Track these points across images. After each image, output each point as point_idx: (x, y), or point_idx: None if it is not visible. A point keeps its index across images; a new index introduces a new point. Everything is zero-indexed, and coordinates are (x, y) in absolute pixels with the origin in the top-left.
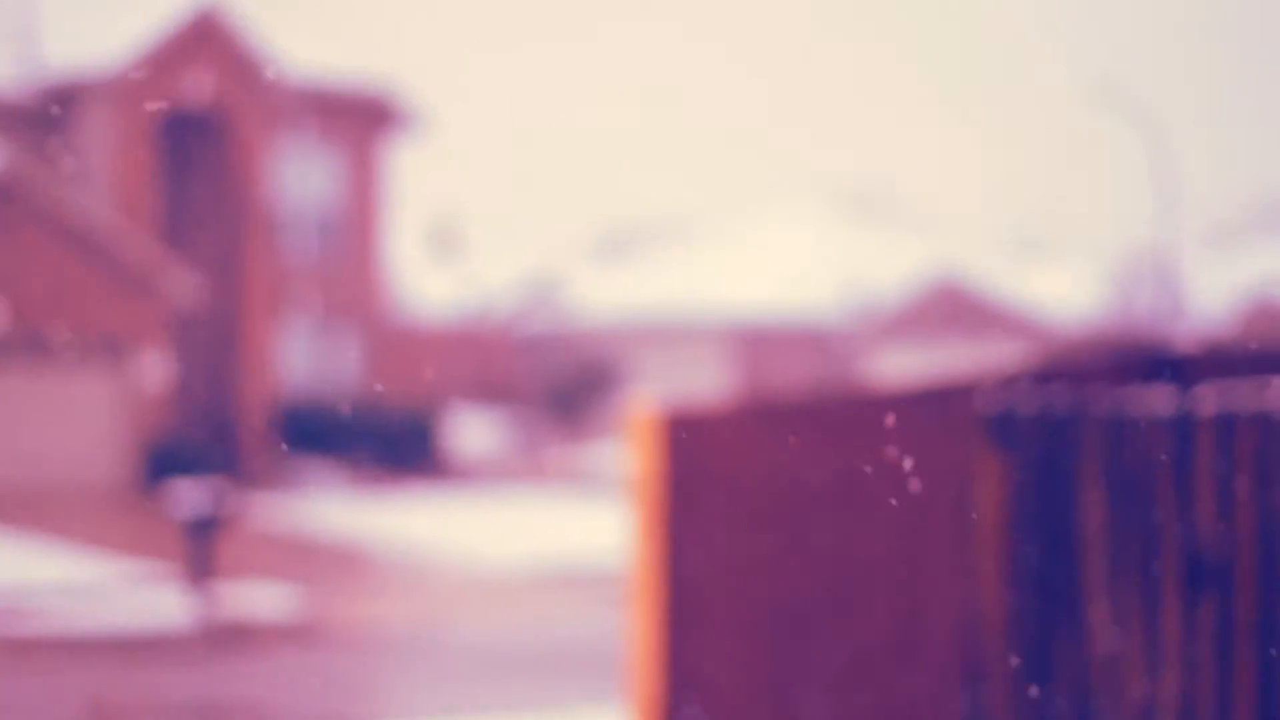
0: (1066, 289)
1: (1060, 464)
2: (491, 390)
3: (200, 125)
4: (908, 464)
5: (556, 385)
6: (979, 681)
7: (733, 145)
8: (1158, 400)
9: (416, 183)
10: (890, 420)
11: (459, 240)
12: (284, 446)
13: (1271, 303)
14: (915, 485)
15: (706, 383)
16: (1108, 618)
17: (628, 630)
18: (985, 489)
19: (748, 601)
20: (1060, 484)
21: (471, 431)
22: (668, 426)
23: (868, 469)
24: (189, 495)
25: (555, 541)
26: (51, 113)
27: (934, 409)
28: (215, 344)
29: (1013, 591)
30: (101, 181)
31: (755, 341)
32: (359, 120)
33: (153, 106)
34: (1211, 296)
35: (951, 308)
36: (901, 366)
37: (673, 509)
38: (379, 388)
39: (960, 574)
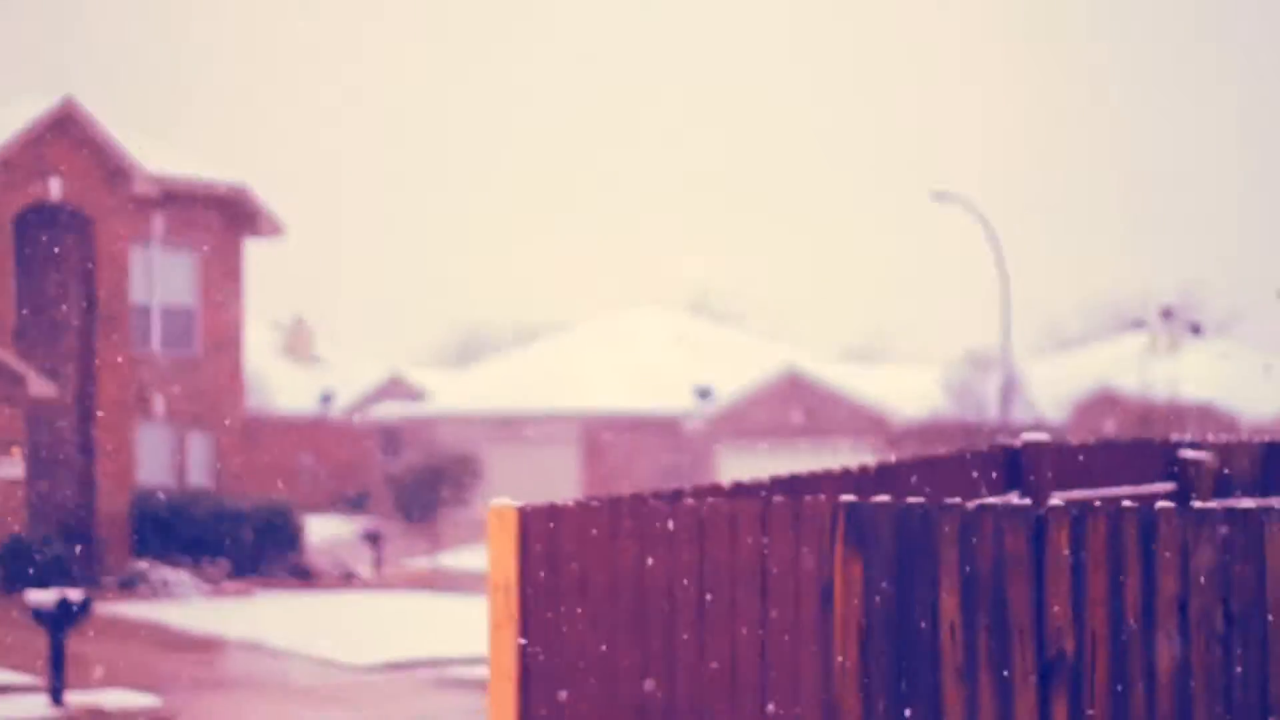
0: (907, 387)
1: (915, 559)
2: (345, 488)
3: (56, 221)
4: (767, 562)
5: (408, 484)
6: None
7: (582, 252)
8: (1012, 495)
9: (271, 282)
10: (748, 517)
11: (311, 339)
12: (140, 546)
13: (1104, 396)
14: (775, 583)
15: (559, 481)
16: (963, 713)
17: None
18: (842, 585)
19: (604, 703)
20: (916, 579)
21: (326, 530)
22: (524, 524)
23: (726, 566)
24: (44, 594)
25: (410, 641)
26: None
27: (790, 505)
28: (72, 441)
29: (870, 687)
30: None
31: (606, 440)
32: (214, 218)
33: (8, 205)
34: (1047, 393)
35: (797, 401)
36: (751, 465)
37: (529, 609)
38: (235, 486)
39: (821, 670)
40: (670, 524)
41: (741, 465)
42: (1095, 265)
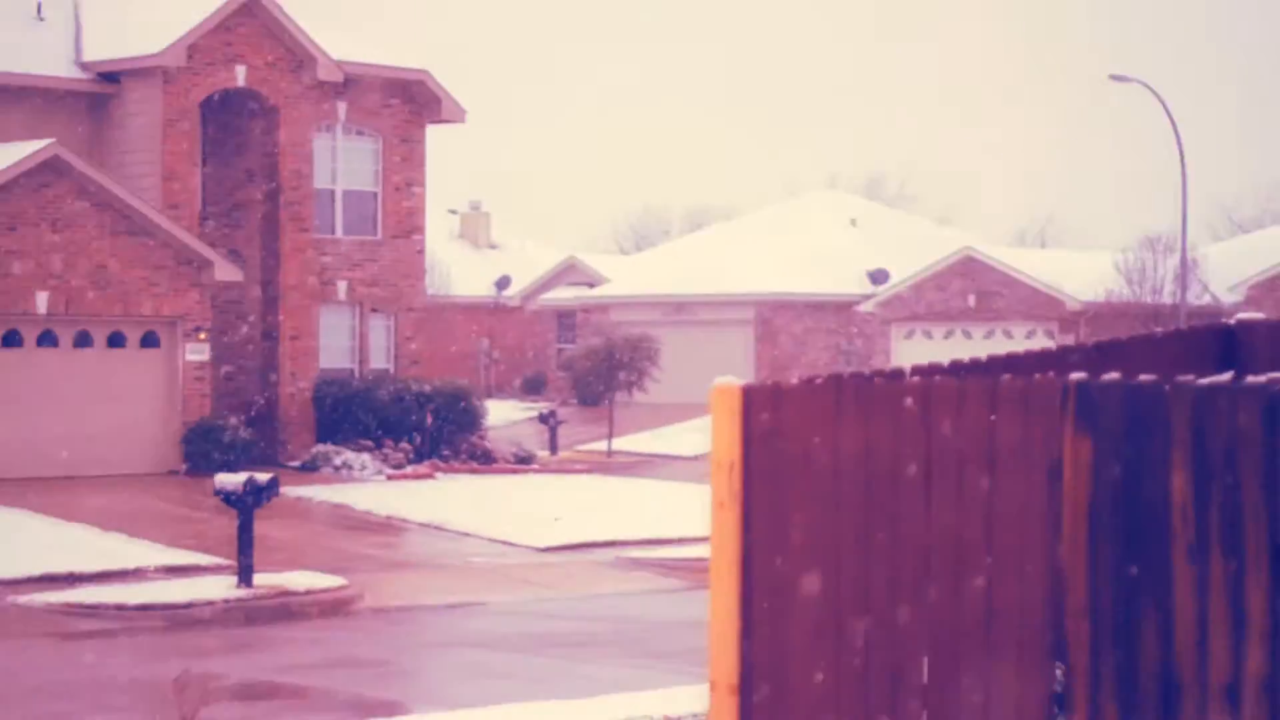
0: (1080, 271)
1: (1145, 437)
2: (525, 372)
3: (241, 107)
4: (994, 440)
5: (587, 369)
6: (1064, 660)
7: (754, 139)
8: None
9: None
10: (976, 395)
11: (488, 225)
12: (324, 427)
13: None
14: (1002, 461)
15: (732, 365)
16: (1193, 594)
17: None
18: (1071, 463)
19: (826, 583)
20: (1146, 457)
21: (507, 413)
22: (747, 403)
23: (952, 443)
24: (233, 477)
25: (593, 522)
26: (96, 97)
27: (1019, 383)
28: (255, 326)
29: (1098, 569)
30: (147, 164)
31: (779, 324)
32: (397, 104)
33: (195, 90)
34: (1220, 276)
35: (971, 284)
36: (924, 349)
37: (751, 488)
38: (418, 369)
39: (1046, 552)
40: (896, 403)
41: (915, 349)
42: (1271, 147)
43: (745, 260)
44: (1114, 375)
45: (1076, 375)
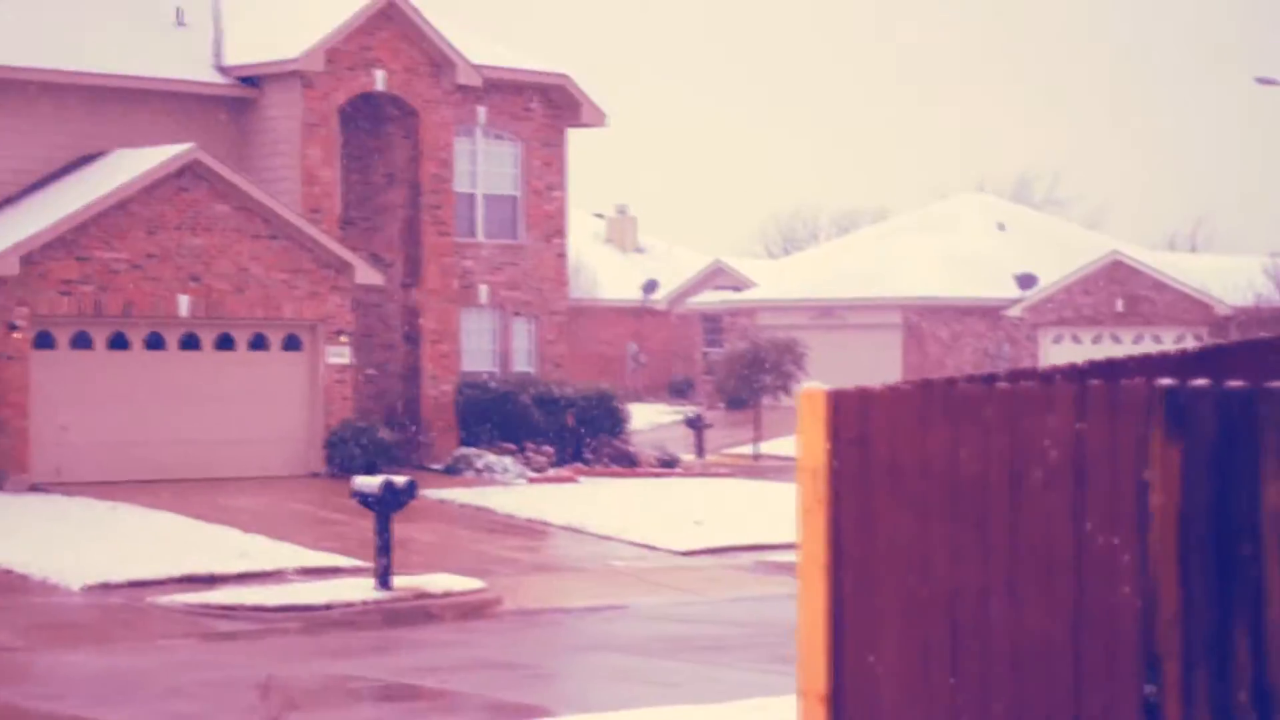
0: (1230, 275)
1: (1237, 444)
2: (669, 375)
3: (381, 112)
4: (1082, 446)
5: (732, 372)
6: (1156, 669)
7: (904, 141)
8: None
9: (592, 171)
10: (1063, 401)
11: (633, 228)
12: (465, 430)
13: None
14: (1090, 468)
15: (879, 369)
16: None
17: (796, 615)
18: (1160, 470)
19: (914, 588)
20: (1237, 465)
21: (650, 416)
22: (834, 408)
23: (1039, 449)
24: (373, 479)
25: (734, 525)
26: (237, 101)
27: (1106, 389)
28: (397, 330)
29: (1189, 578)
30: (290, 169)
31: (926, 328)
32: (537, 108)
33: (335, 94)
34: None
35: (1120, 288)
36: (1072, 353)
37: (838, 493)
38: (560, 372)
39: (1136, 561)
40: (983, 408)
41: (1063, 354)
42: None
43: (893, 264)
44: (1203, 381)
45: (1165, 380)
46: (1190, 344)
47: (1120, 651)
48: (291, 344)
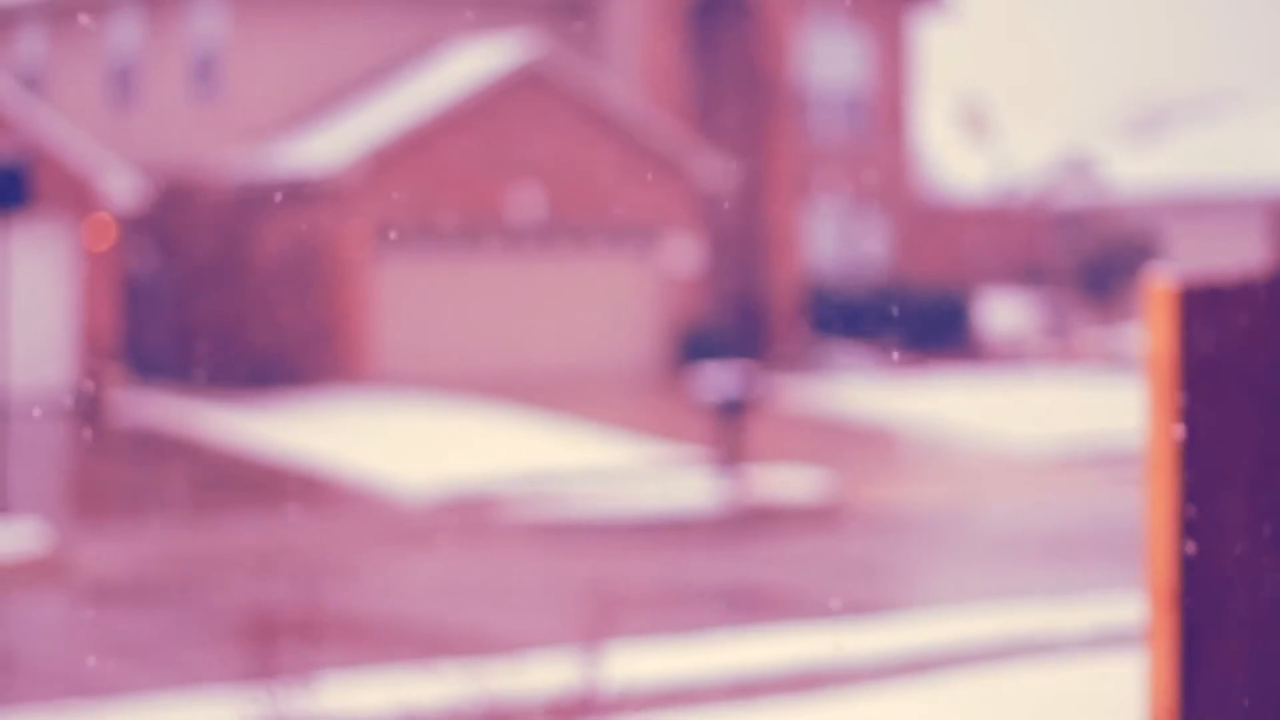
0: None
1: None
2: (1021, 270)
3: (726, 7)
4: None
5: (1088, 264)
6: None
7: (1265, 16)
8: None
9: (943, 61)
10: None
11: (988, 119)
12: (811, 329)
13: None
14: None
15: (1241, 260)
16: None
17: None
18: None
19: (1261, 488)
20: None
21: (1001, 313)
22: (1181, 300)
23: None
24: (718, 379)
25: (1087, 422)
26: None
27: None
28: (742, 227)
29: None
30: (629, 66)
31: None
32: None
33: None
34: None
35: None
36: None
37: (1186, 388)
38: (907, 269)
39: None
40: None
41: None
42: None
43: (1263, 150)
44: None
45: None
46: None
47: None
48: (636, 245)
